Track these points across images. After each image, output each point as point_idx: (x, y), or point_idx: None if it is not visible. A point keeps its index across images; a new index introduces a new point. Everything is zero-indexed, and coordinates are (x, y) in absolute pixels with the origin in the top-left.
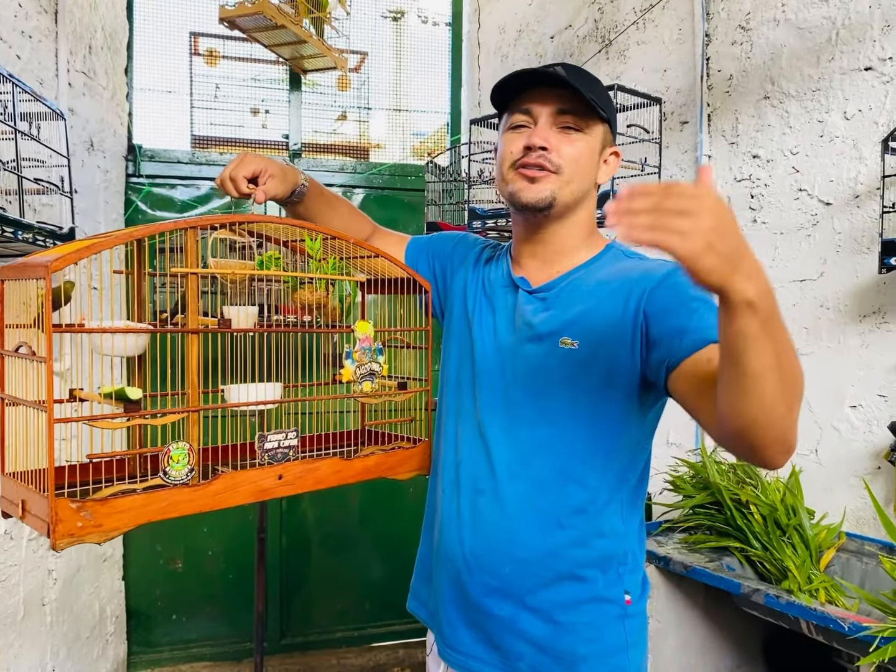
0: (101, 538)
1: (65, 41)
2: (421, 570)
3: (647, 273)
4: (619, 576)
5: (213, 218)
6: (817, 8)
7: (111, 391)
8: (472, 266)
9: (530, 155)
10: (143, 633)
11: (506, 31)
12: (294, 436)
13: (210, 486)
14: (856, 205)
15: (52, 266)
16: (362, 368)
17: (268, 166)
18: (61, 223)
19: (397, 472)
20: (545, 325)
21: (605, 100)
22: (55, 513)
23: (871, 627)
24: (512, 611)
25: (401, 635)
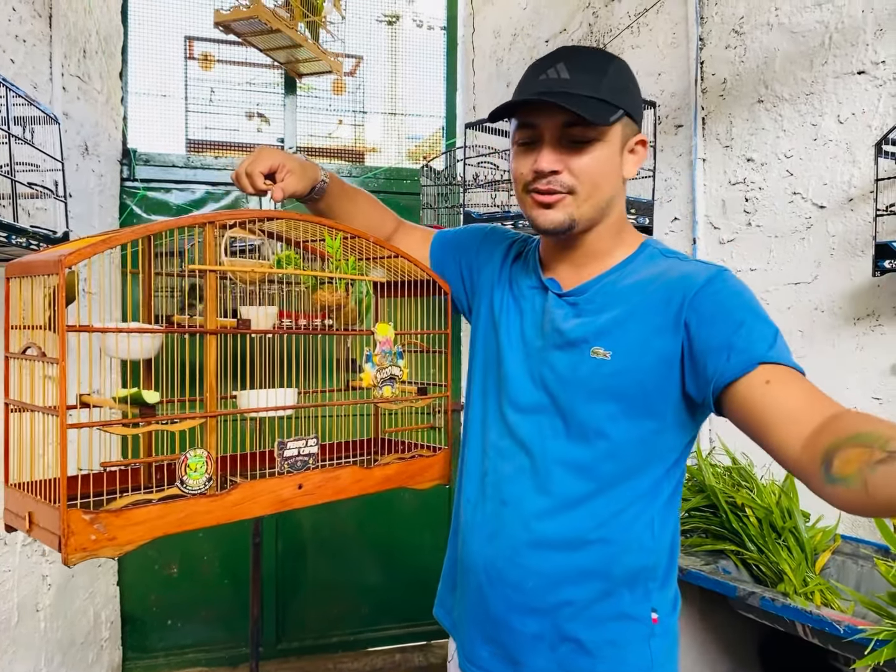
0: (115, 552)
1: (59, 45)
2: (447, 578)
3: (688, 276)
4: (646, 592)
5: (232, 213)
6: (810, 12)
7: (126, 394)
8: (499, 263)
9: (540, 181)
10: (138, 639)
11: (500, 35)
12: (314, 443)
13: (228, 496)
14: (849, 208)
15: (66, 260)
16: (382, 372)
17: (286, 161)
18: (55, 227)
19: (417, 481)
20: (576, 332)
21: (620, 88)
22: (67, 525)
23: (867, 630)
24: (534, 626)
25: (397, 640)
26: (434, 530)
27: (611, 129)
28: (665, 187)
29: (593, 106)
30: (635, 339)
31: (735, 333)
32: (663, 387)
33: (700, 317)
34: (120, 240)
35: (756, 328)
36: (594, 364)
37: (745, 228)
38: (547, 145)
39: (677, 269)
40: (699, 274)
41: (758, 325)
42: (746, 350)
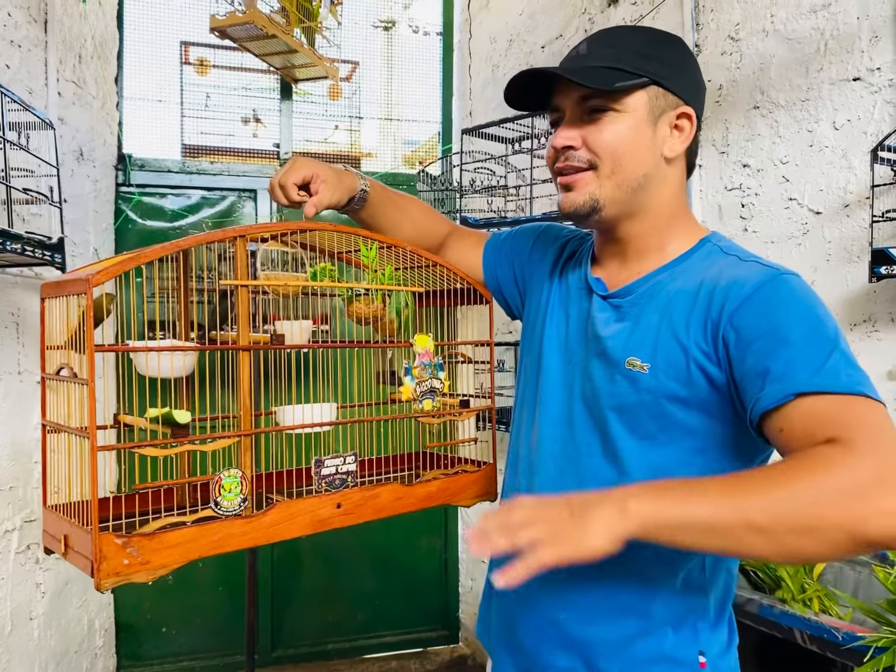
0: (148, 577)
1: (54, 50)
2: (486, 598)
3: (735, 283)
4: (694, 633)
5: (263, 226)
6: (806, 19)
7: (157, 415)
8: (550, 266)
9: (559, 159)
10: (132, 647)
11: (497, 40)
12: (352, 460)
13: (265, 516)
14: (845, 214)
15: (94, 280)
16: (422, 385)
17: (319, 171)
18: (50, 233)
19: (461, 498)
20: (614, 340)
21: (648, 57)
22: (99, 550)
23: (866, 637)
24: (566, 663)
25: (393, 647)
26: (430, 537)
27: (631, 98)
28: None
29: (601, 73)
30: (675, 351)
31: (773, 355)
32: (707, 406)
33: (739, 334)
34: (148, 256)
35: (802, 348)
36: (630, 377)
37: (741, 234)
38: (565, 121)
39: (730, 272)
40: (749, 281)
41: (806, 343)
42: (783, 377)
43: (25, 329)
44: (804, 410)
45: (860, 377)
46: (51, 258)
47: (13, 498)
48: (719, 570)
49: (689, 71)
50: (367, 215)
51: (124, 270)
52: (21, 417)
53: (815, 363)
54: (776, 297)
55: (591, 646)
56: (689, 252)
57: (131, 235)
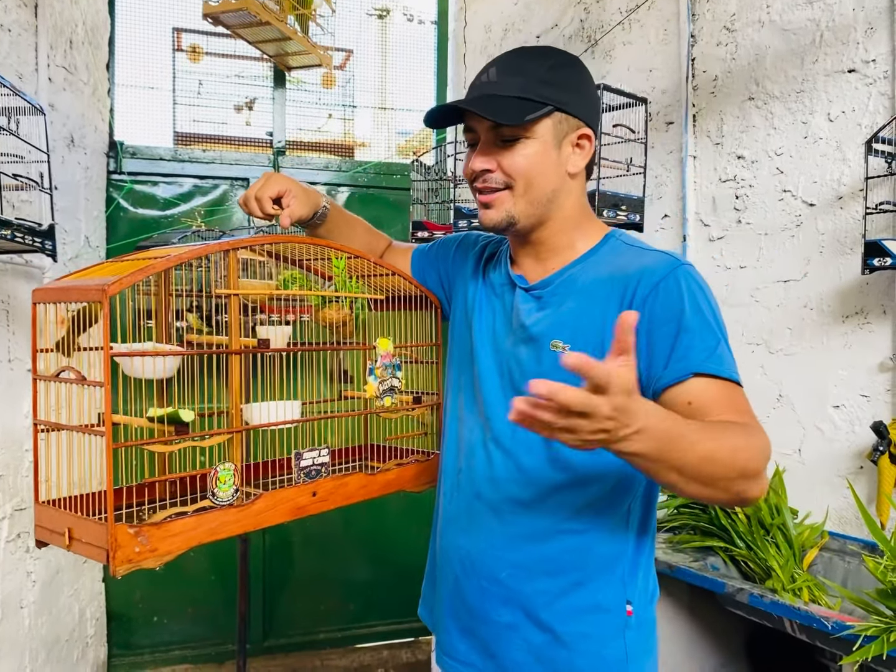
0: (156, 562)
1: (45, 35)
2: (429, 575)
3: (646, 271)
4: (622, 585)
5: (256, 239)
6: (802, 10)
7: (163, 414)
8: (472, 266)
9: (477, 180)
10: (123, 636)
11: (491, 30)
12: (326, 452)
13: (253, 505)
14: (839, 206)
15: (111, 290)
16: (384, 384)
17: (291, 187)
18: (41, 220)
19: (414, 484)
20: (537, 326)
21: (553, 85)
22: (115, 539)
23: (855, 626)
24: (510, 617)
25: (384, 636)
26: (421, 527)
27: (538, 126)
28: (655, 184)
29: (509, 105)
30: (593, 331)
31: (676, 339)
32: None
33: (650, 317)
34: (157, 268)
35: (699, 335)
36: (554, 357)
37: (735, 226)
38: (480, 146)
39: (637, 261)
40: (657, 270)
41: (701, 331)
42: (683, 358)
43: (15, 317)
44: (703, 389)
45: (734, 365)
46: (41, 245)
47: (3, 486)
48: (642, 525)
49: (587, 92)
50: (325, 231)
51: (135, 281)
52: (11, 406)
53: (708, 349)
54: (679, 287)
55: (531, 599)
56: (596, 247)
57: (122, 223)
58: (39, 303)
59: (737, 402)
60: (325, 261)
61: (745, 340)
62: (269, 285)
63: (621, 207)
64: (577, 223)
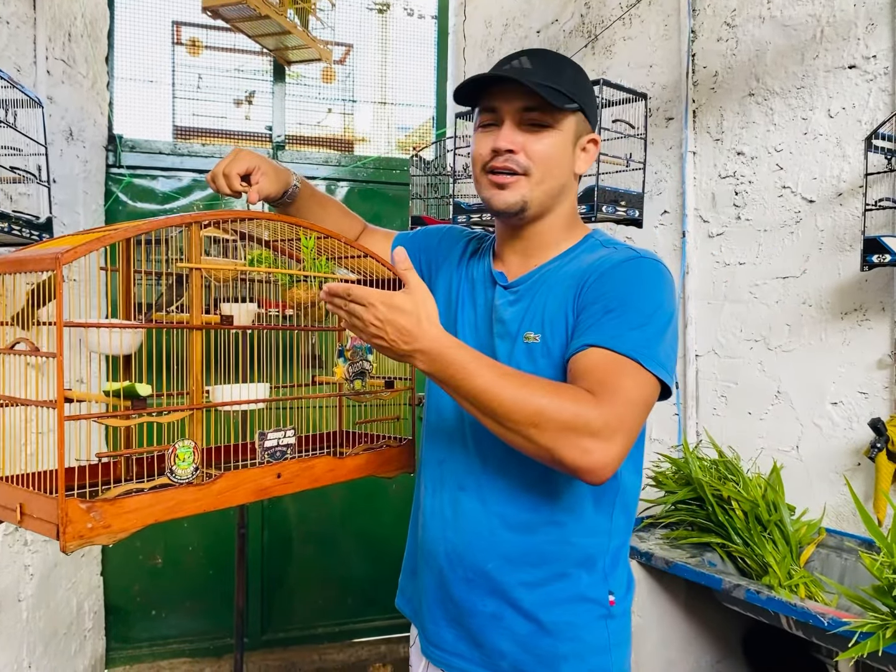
0: (109, 539)
1: (43, 28)
2: (407, 566)
3: (602, 261)
4: (603, 576)
5: (216, 213)
6: (802, 6)
7: (119, 388)
8: (456, 260)
9: (497, 159)
10: (121, 629)
11: (492, 24)
12: (292, 434)
13: (214, 485)
14: (839, 202)
15: (64, 258)
16: (354, 367)
17: (261, 164)
18: (39, 213)
19: (385, 470)
20: (512, 319)
21: (577, 86)
22: (65, 514)
23: (851, 623)
24: (495, 607)
25: (382, 631)
26: None
27: (565, 120)
28: (655, 180)
29: (551, 92)
30: (556, 321)
31: (594, 319)
32: None
33: (584, 299)
34: (113, 238)
35: (616, 318)
36: (526, 348)
37: (734, 222)
38: (507, 126)
39: (601, 255)
40: (612, 259)
41: (621, 315)
42: (588, 333)
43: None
44: (588, 357)
45: (650, 351)
46: (38, 238)
47: None
48: (621, 519)
49: (594, 101)
50: (296, 209)
51: (90, 251)
52: None
53: (617, 330)
54: (622, 274)
55: (516, 590)
56: (575, 246)
57: (121, 217)
58: None
59: (609, 373)
60: (295, 241)
61: (744, 337)
62: (234, 263)
63: (620, 203)
64: (567, 223)
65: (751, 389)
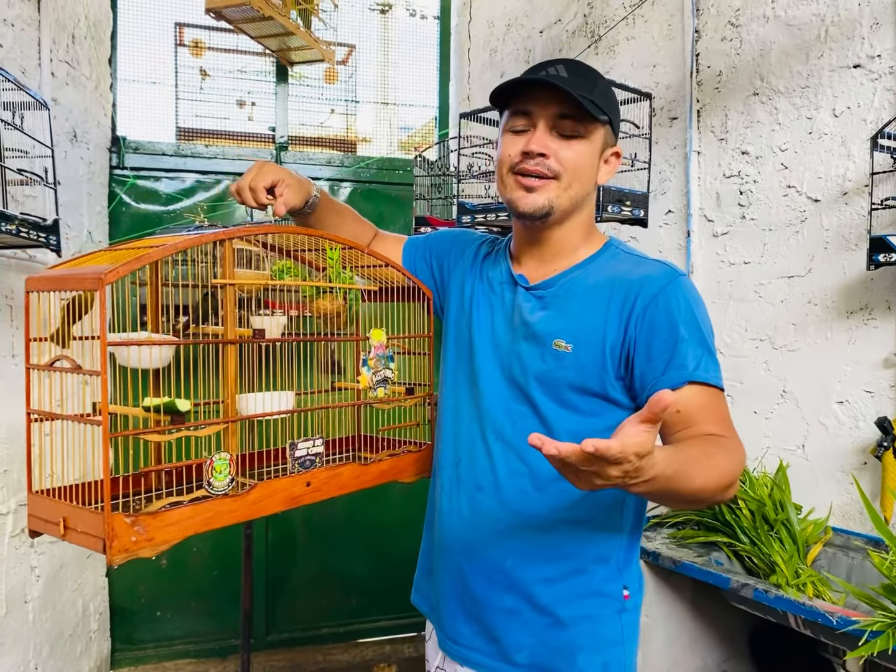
0: (152, 552)
1: (48, 30)
2: (423, 565)
3: (644, 280)
4: (618, 571)
5: (248, 229)
6: (807, 5)
7: (159, 403)
8: (469, 263)
9: (528, 161)
10: (126, 630)
11: (494, 25)
12: (320, 443)
13: (248, 495)
14: (844, 202)
15: (107, 278)
16: (377, 375)
17: (285, 176)
18: (45, 215)
19: (406, 474)
20: (541, 324)
21: (607, 100)
22: (111, 528)
23: (861, 622)
24: (513, 602)
25: (387, 631)
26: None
27: (595, 131)
28: (659, 179)
29: (588, 103)
30: (594, 333)
31: (673, 349)
32: (614, 379)
33: (648, 325)
34: (153, 257)
35: (691, 344)
36: (557, 355)
37: (739, 221)
38: (540, 130)
39: (637, 269)
40: (656, 279)
41: (693, 341)
42: (679, 367)
43: (19, 312)
44: (691, 398)
45: (718, 371)
46: (45, 240)
47: (8, 481)
48: (637, 517)
49: (619, 117)
50: (315, 219)
51: (132, 270)
52: (16, 401)
53: (697, 357)
54: (676, 297)
55: (533, 585)
56: (596, 254)
57: (125, 218)
58: (33, 291)
59: (719, 410)
60: (316, 251)
61: (749, 336)
62: (263, 275)
63: (625, 203)
64: (585, 230)
65: (756, 388)
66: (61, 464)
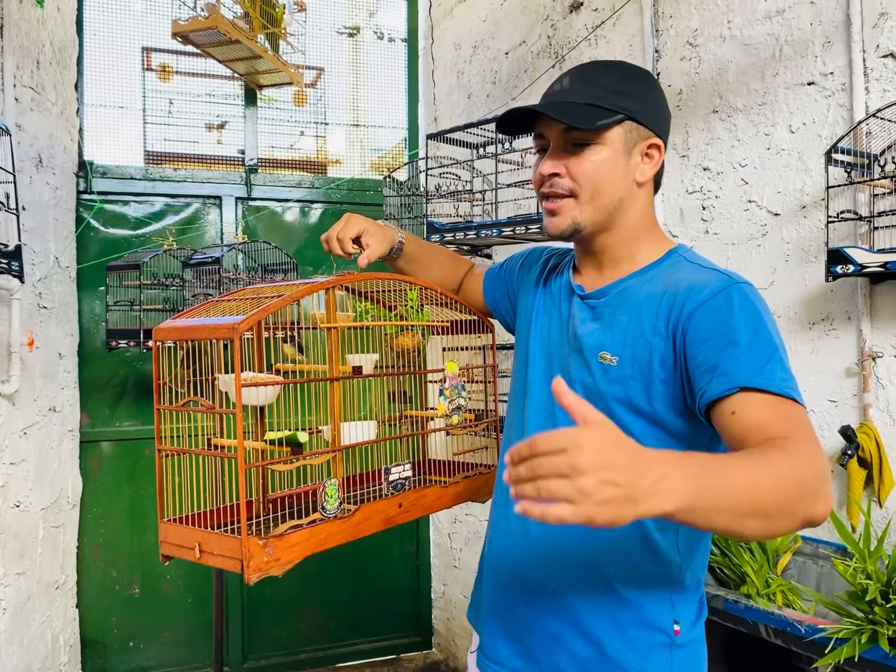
0: (280, 570)
1: (11, 56)
2: (478, 580)
3: (695, 288)
4: (671, 604)
5: (352, 277)
6: (761, 25)
7: (282, 437)
8: (535, 278)
9: (545, 185)
10: (98, 662)
11: (461, 47)
12: (409, 467)
13: (353, 517)
14: (803, 215)
15: (241, 327)
16: (452, 403)
17: (369, 227)
18: (7, 241)
19: (479, 495)
20: (589, 337)
21: (620, 95)
22: (248, 550)
23: (827, 629)
24: (556, 626)
25: (366, 654)
26: (402, 544)
27: (608, 133)
28: None
29: (582, 111)
30: (641, 345)
31: (723, 354)
32: (666, 395)
33: (695, 333)
34: (276, 307)
35: (748, 351)
36: (602, 368)
37: (702, 236)
38: (550, 150)
39: (691, 278)
40: (707, 287)
41: (751, 347)
42: (729, 372)
43: None
44: (750, 403)
45: (792, 382)
46: (7, 266)
47: None
48: (691, 545)
49: (657, 103)
50: (404, 262)
51: (259, 319)
52: None
53: (757, 365)
54: (730, 303)
55: (578, 611)
56: (657, 261)
57: (93, 243)
58: (159, 341)
59: (786, 415)
60: (390, 292)
61: None
62: (349, 316)
63: None
64: (640, 234)
65: None
66: (185, 495)
